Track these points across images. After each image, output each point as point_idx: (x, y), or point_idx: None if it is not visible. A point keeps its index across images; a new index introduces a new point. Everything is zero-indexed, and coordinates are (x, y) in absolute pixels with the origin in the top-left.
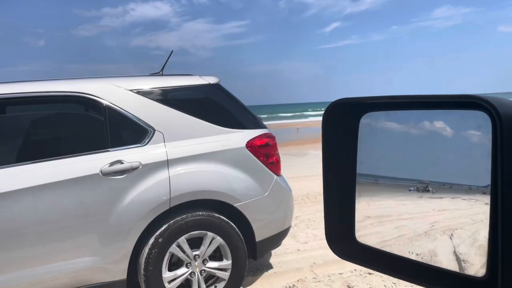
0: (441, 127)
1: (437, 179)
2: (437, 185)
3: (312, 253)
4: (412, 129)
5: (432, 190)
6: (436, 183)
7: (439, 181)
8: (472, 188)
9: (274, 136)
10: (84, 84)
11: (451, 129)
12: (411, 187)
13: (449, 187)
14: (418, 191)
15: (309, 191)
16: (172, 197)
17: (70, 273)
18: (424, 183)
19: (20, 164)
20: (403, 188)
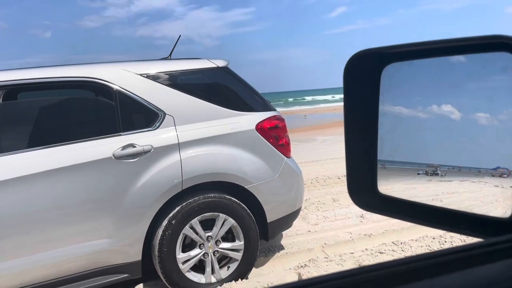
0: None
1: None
2: (446, 168)
3: (322, 234)
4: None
5: (441, 173)
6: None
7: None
8: (481, 171)
9: (283, 118)
10: (94, 69)
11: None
12: (419, 171)
13: (458, 170)
14: (427, 174)
15: (318, 175)
16: (184, 180)
17: (86, 255)
18: (433, 167)
19: (34, 149)
20: (411, 171)
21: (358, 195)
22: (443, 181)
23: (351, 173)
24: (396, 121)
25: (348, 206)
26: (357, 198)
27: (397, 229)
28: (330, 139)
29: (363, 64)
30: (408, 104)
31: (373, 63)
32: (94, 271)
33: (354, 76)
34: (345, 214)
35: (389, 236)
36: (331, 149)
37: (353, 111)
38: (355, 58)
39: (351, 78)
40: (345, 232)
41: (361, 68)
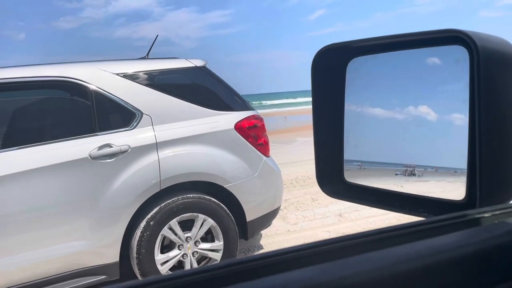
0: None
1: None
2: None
3: (302, 233)
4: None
5: (418, 174)
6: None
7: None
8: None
9: (262, 118)
10: (69, 68)
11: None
12: (397, 172)
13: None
14: (405, 175)
15: (297, 176)
16: (162, 180)
17: (62, 257)
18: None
19: (9, 149)
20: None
21: (326, 185)
22: (420, 181)
23: (319, 163)
24: (361, 113)
25: (327, 205)
26: (326, 187)
27: (374, 227)
28: (310, 140)
29: (329, 58)
30: (372, 97)
31: (339, 57)
32: (72, 273)
33: (321, 70)
34: (324, 214)
35: None
36: (311, 150)
37: (320, 104)
38: (322, 52)
39: (318, 72)
40: (324, 231)
41: (328, 62)
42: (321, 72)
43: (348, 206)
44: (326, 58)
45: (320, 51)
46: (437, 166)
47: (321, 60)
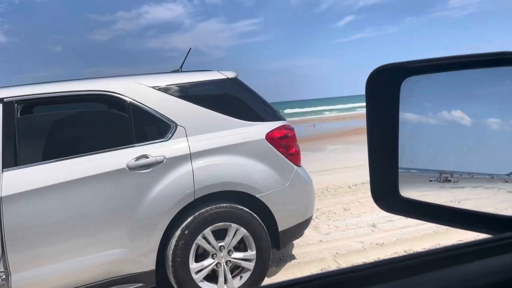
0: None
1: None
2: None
3: (334, 243)
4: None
5: (454, 180)
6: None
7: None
8: (494, 177)
9: (293, 128)
10: (108, 82)
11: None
12: (431, 178)
13: (470, 177)
14: (439, 181)
15: (328, 185)
16: (196, 190)
17: (101, 265)
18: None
19: (51, 161)
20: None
21: (381, 199)
22: (455, 188)
23: (374, 178)
24: (415, 129)
25: (360, 215)
26: (381, 202)
27: (409, 238)
28: (340, 148)
29: (383, 77)
30: (425, 113)
31: (393, 76)
32: (110, 280)
33: (375, 88)
34: (357, 224)
35: (401, 245)
36: (341, 158)
37: (375, 121)
38: (377, 72)
39: (373, 90)
40: (357, 242)
41: (382, 81)
42: (375, 90)
43: (381, 216)
44: (381, 77)
45: (374, 71)
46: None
47: (376, 79)
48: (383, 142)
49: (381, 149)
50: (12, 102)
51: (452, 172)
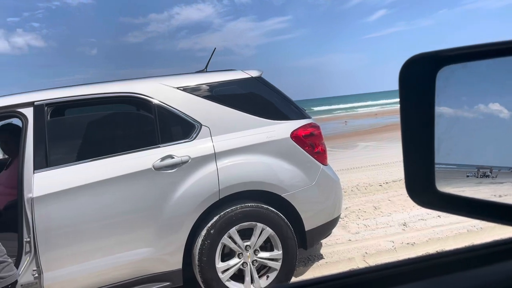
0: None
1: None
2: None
3: (364, 243)
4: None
5: (492, 175)
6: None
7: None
8: None
9: (318, 126)
10: (134, 84)
11: None
12: (469, 173)
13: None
14: (477, 176)
15: (359, 183)
16: (221, 189)
17: (129, 264)
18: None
19: (80, 162)
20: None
21: (416, 194)
22: (494, 183)
23: (409, 173)
24: (451, 121)
25: (390, 214)
26: (416, 197)
27: (442, 237)
28: (371, 145)
29: (418, 67)
30: (462, 105)
31: (428, 66)
32: (137, 279)
33: (409, 79)
34: (387, 223)
35: (433, 244)
36: (373, 155)
37: (409, 113)
38: (410, 62)
39: (407, 81)
40: (387, 241)
41: (416, 72)
42: (409, 81)
43: (413, 215)
44: (415, 67)
45: (408, 61)
46: None
47: (410, 69)
48: (418, 135)
49: (416, 142)
50: (42, 105)
51: (491, 167)
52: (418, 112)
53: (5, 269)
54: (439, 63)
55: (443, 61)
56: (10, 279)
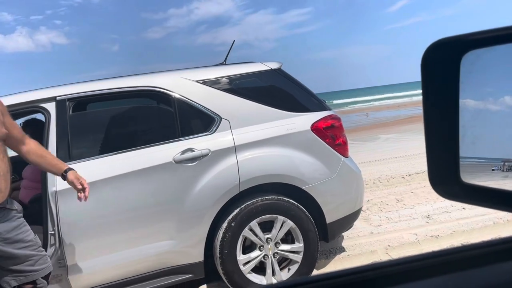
0: None
1: None
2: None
3: (386, 236)
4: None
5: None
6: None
7: None
8: None
9: (339, 118)
10: (154, 78)
11: None
12: (494, 167)
13: None
14: (503, 170)
15: (380, 175)
16: (241, 182)
17: (152, 256)
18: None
19: (102, 156)
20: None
21: (440, 185)
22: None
23: (432, 163)
24: (477, 110)
25: (413, 206)
26: (439, 188)
27: (467, 229)
28: (393, 137)
29: (441, 53)
30: (489, 92)
31: (452, 51)
32: (160, 271)
33: (432, 65)
34: (410, 215)
35: (458, 237)
36: (395, 147)
37: (432, 101)
38: (433, 47)
39: (429, 67)
40: (410, 234)
41: (440, 57)
42: (432, 67)
43: (436, 207)
44: (438, 53)
45: (431, 46)
46: None
47: (433, 55)
48: (442, 124)
49: (440, 131)
50: (64, 100)
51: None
52: (442, 99)
53: (38, 261)
54: (463, 47)
55: (468, 45)
56: (43, 272)
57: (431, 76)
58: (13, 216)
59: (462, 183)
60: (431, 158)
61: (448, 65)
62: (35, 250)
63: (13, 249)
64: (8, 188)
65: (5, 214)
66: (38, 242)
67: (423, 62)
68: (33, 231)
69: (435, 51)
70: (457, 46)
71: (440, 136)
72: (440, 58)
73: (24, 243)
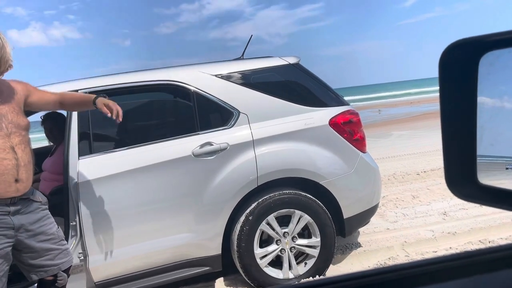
0: None
1: None
2: None
3: (402, 232)
4: None
5: None
6: None
7: None
8: None
9: (357, 113)
10: (173, 72)
11: None
12: (508, 165)
13: None
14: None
15: (395, 171)
16: (259, 176)
17: (170, 248)
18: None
19: (122, 149)
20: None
21: (456, 186)
22: None
23: (449, 164)
24: (495, 111)
25: (429, 203)
26: (456, 189)
27: (484, 227)
28: (406, 134)
29: (459, 53)
30: (507, 93)
31: (470, 51)
32: (178, 263)
33: (450, 66)
34: (426, 212)
35: (475, 234)
36: (408, 144)
37: (450, 101)
38: (452, 48)
39: (447, 68)
40: (426, 230)
41: (458, 58)
42: (450, 68)
43: (453, 204)
44: (456, 54)
45: (449, 47)
46: None
47: (451, 56)
48: (459, 124)
49: (457, 131)
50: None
51: None
52: (459, 100)
53: (58, 256)
54: (482, 48)
55: (487, 46)
56: (63, 266)
57: (449, 77)
58: (36, 208)
59: (479, 184)
60: (448, 159)
61: (466, 65)
62: (56, 244)
63: (34, 242)
64: (30, 179)
65: (28, 205)
66: (61, 235)
67: (441, 63)
68: None
69: (453, 52)
70: (475, 47)
71: (457, 137)
72: (459, 59)
73: (45, 235)
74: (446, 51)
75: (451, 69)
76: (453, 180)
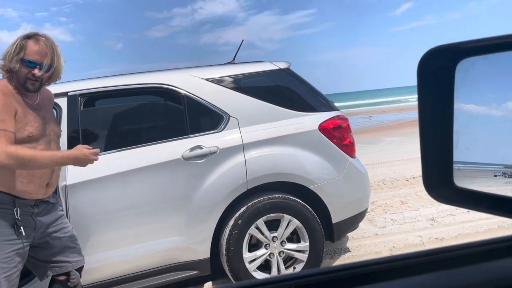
0: None
1: None
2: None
3: (391, 237)
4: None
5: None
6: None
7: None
8: None
9: (347, 118)
10: (164, 75)
11: None
12: (496, 172)
13: None
14: (505, 176)
15: (385, 177)
16: (248, 180)
17: (159, 252)
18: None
19: (112, 151)
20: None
21: (434, 189)
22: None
23: (427, 167)
24: (472, 115)
25: (418, 209)
26: (433, 191)
27: (471, 233)
28: (396, 140)
29: (437, 60)
30: (482, 98)
31: (447, 58)
32: (166, 267)
33: (427, 72)
34: (415, 217)
35: (462, 240)
36: (398, 150)
37: (427, 106)
38: (429, 54)
39: (425, 74)
40: (414, 236)
41: (435, 64)
42: (428, 74)
43: (441, 210)
44: (434, 60)
45: (427, 53)
46: None
47: (428, 62)
48: (436, 129)
49: (434, 136)
50: (75, 95)
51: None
52: (437, 105)
53: (73, 253)
54: (458, 55)
55: (463, 53)
56: (77, 264)
57: (426, 82)
58: (55, 208)
59: (455, 187)
60: (425, 163)
61: (444, 72)
62: (71, 242)
63: (53, 239)
64: (57, 183)
65: (48, 206)
66: (75, 234)
67: (419, 69)
68: None
69: (430, 58)
70: (452, 54)
71: (434, 141)
72: (436, 65)
73: (63, 233)
74: (424, 57)
75: (429, 75)
76: (431, 183)
